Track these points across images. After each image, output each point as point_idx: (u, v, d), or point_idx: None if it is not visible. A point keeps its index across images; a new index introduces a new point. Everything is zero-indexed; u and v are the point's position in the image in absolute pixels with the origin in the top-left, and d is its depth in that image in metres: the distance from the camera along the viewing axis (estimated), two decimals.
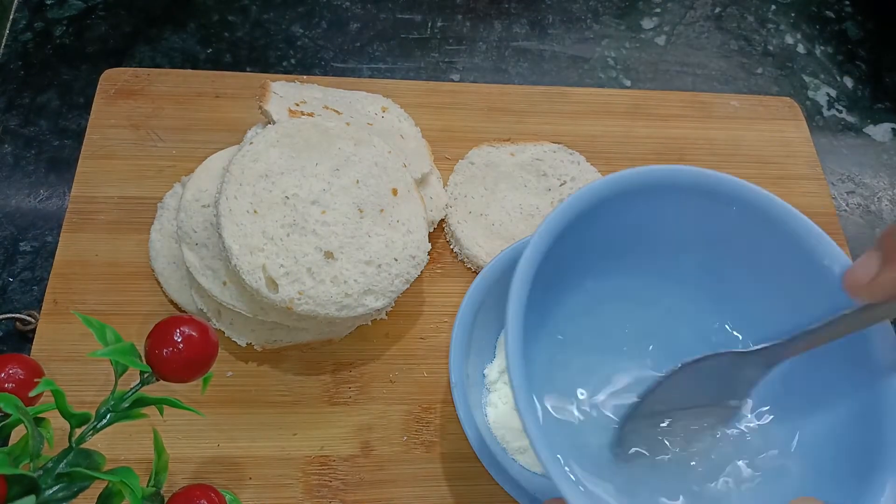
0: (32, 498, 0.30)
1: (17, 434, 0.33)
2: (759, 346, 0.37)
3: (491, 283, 0.44)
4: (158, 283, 0.50)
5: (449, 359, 0.41)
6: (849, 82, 0.70)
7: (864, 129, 0.68)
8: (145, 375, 0.35)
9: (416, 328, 0.51)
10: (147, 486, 0.34)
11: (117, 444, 0.44)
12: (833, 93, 0.69)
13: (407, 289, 0.46)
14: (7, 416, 0.31)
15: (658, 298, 0.41)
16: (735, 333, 0.40)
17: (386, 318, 0.50)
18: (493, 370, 0.46)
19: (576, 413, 0.37)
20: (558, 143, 0.58)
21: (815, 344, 0.34)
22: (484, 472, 0.40)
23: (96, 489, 0.33)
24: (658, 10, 0.72)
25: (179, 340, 0.34)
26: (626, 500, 0.35)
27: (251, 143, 0.46)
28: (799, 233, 0.36)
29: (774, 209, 0.36)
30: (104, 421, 0.33)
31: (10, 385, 0.33)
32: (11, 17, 0.63)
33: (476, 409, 0.42)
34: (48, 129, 0.58)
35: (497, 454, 0.41)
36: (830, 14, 0.74)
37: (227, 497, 0.36)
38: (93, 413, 0.33)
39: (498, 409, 0.45)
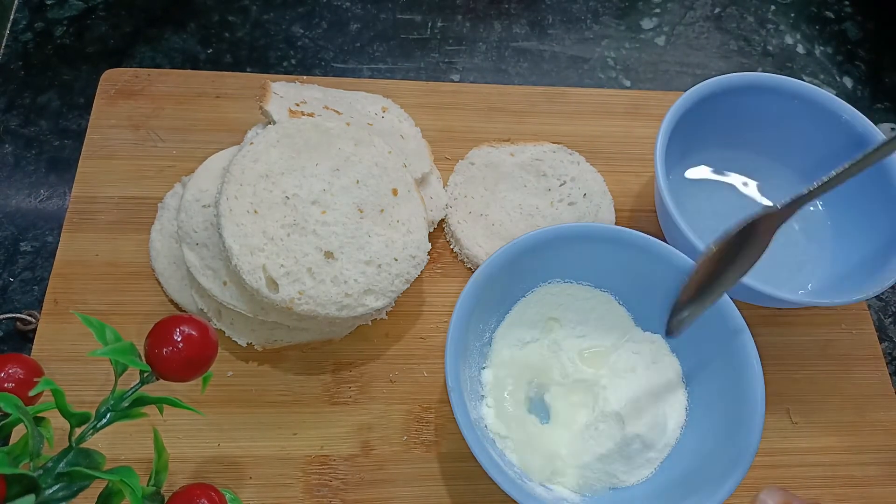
0: (32, 497, 0.30)
1: (17, 433, 0.33)
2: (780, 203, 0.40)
3: (484, 284, 0.44)
4: (159, 283, 0.50)
5: (445, 363, 0.41)
6: (848, 82, 0.70)
7: None
8: (145, 375, 0.35)
9: (416, 328, 0.51)
10: (147, 485, 0.34)
11: (117, 444, 0.44)
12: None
13: (407, 289, 0.46)
14: (7, 415, 0.32)
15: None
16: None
17: (386, 317, 0.50)
18: (489, 372, 0.46)
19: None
20: (558, 143, 0.59)
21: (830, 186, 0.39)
22: (483, 472, 0.40)
23: (96, 488, 0.33)
24: (658, 10, 0.72)
25: (179, 340, 0.34)
26: None
27: (251, 143, 0.46)
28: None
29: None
30: (104, 420, 0.33)
31: (10, 384, 0.33)
32: (12, 17, 0.63)
33: (473, 412, 0.43)
34: (49, 129, 0.58)
35: (494, 454, 0.41)
36: (830, 14, 0.74)
37: (228, 496, 0.36)
38: (93, 412, 0.33)
39: (494, 410, 0.45)
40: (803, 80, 0.54)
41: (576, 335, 0.47)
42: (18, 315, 0.49)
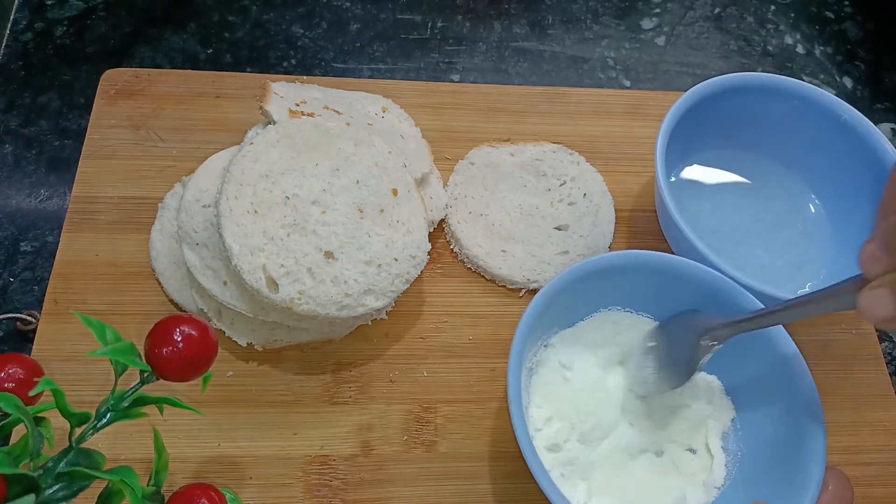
0: (32, 497, 0.30)
1: (17, 433, 0.33)
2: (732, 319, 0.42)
3: (551, 300, 0.42)
4: (159, 283, 0.50)
5: (508, 373, 0.40)
6: (848, 83, 0.70)
7: None
8: (145, 374, 0.35)
9: (416, 328, 0.51)
10: (147, 485, 0.34)
11: (117, 444, 0.44)
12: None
13: (407, 289, 0.46)
14: (7, 415, 0.32)
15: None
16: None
17: (386, 317, 0.50)
18: (534, 381, 0.45)
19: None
20: (558, 143, 0.59)
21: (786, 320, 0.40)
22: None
23: (96, 488, 0.33)
24: (658, 10, 0.72)
25: (179, 339, 0.34)
26: None
27: (252, 143, 0.46)
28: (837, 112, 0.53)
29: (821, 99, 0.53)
30: (104, 420, 0.33)
31: (10, 384, 0.33)
32: (12, 17, 0.63)
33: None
34: (49, 129, 0.58)
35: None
36: (830, 14, 0.74)
37: (228, 496, 0.36)
38: (93, 412, 0.33)
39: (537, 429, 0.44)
40: (803, 80, 0.54)
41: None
42: (18, 315, 0.49)
